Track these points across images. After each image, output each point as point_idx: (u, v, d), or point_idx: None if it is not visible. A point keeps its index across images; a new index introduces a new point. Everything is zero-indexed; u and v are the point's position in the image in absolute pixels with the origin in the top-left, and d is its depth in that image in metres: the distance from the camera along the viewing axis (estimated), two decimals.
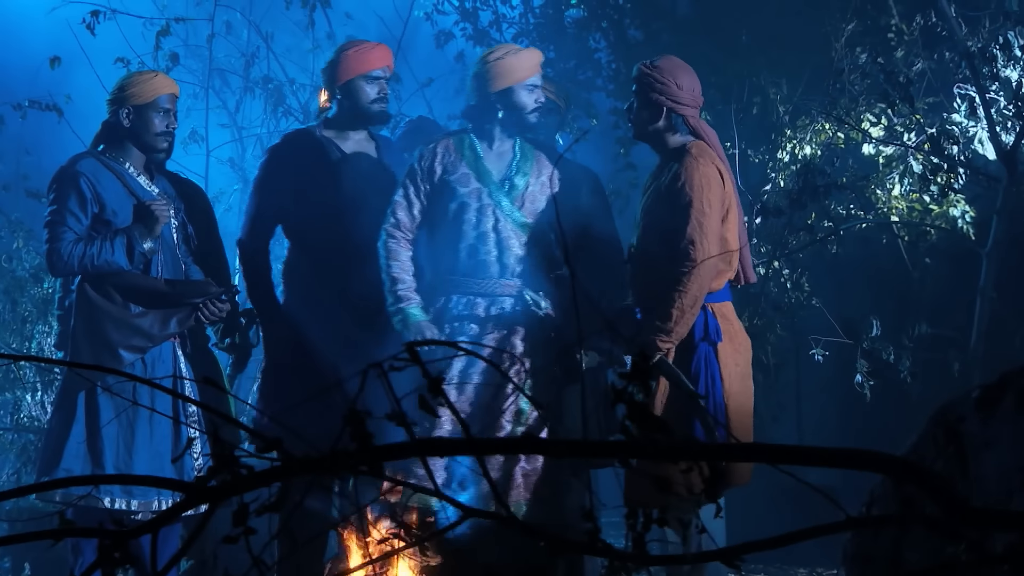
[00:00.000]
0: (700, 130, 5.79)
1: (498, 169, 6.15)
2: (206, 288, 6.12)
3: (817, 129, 8.61)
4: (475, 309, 6.03)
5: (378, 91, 6.37)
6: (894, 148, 8.38)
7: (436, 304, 6.06)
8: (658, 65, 5.79)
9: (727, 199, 5.67)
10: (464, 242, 6.06)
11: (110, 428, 5.88)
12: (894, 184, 8.36)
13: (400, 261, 6.05)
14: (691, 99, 5.79)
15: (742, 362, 5.70)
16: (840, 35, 8.27)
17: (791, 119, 8.65)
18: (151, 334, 6.02)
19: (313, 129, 6.50)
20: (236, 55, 10.06)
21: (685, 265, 5.48)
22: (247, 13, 9.95)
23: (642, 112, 5.81)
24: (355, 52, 6.36)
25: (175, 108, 6.28)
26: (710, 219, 5.55)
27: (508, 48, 6.22)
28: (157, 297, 6.05)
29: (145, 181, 6.25)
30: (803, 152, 8.57)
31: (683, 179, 5.58)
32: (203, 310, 6.10)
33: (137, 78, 6.25)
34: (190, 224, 6.37)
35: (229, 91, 10.17)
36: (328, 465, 2.70)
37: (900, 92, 7.84)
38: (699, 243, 5.51)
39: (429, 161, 6.11)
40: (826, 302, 8.54)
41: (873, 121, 8.41)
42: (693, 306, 5.52)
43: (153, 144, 6.21)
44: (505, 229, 6.07)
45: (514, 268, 6.06)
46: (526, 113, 6.12)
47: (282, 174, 6.38)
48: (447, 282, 6.07)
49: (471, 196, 6.09)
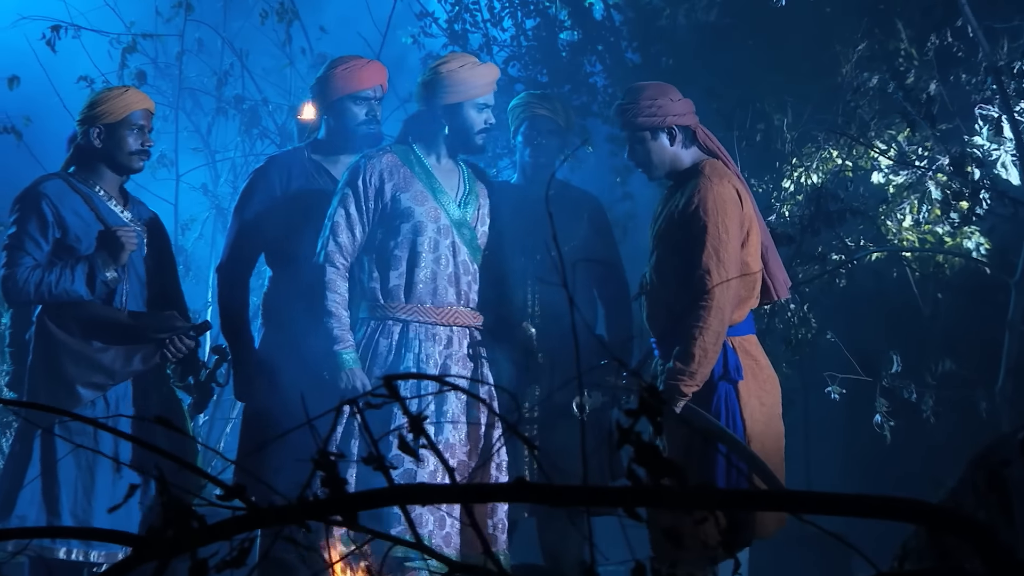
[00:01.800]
0: (709, 138, 5.63)
1: (451, 187, 5.94)
2: (172, 322, 5.92)
3: (824, 157, 8.42)
4: (436, 340, 5.79)
5: (367, 112, 6.17)
6: (905, 176, 8.20)
7: (390, 336, 5.78)
8: (639, 92, 5.61)
9: (746, 221, 5.47)
10: (420, 266, 5.79)
11: (68, 473, 5.68)
12: (905, 214, 8.20)
13: (338, 293, 5.75)
14: (686, 107, 5.63)
15: (769, 401, 5.50)
16: (850, 56, 8.09)
17: (796, 146, 8.48)
18: (112, 370, 5.82)
19: (300, 151, 6.31)
20: (208, 74, 9.89)
21: (703, 298, 5.29)
22: (220, 29, 9.79)
23: (645, 146, 5.61)
24: (343, 70, 6.16)
25: (150, 124, 6.10)
26: (727, 245, 5.35)
27: (463, 59, 5.98)
28: (119, 331, 5.84)
29: (117, 206, 6.05)
30: (810, 181, 8.38)
31: (696, 202, 5.40)
32: (169, 347, 5.90)
33: (107, 94, 6.05)
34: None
35: (201, 112, 9.98)
36: (296, 515, 2.55)
37: (920, 110, 7.64)
38: (715, 272, 5.30)
39: (375, 177, 5.83)
40: (836, 338, 8.31)
41: (883, 148, 8.24)
42: (716, 342, 5.31)
43: (127, 164, 6.02)
44: (461, 252, 5.86)
45: (469, 296, 5.85)
46: (473, 134, 5.88)
47: (266, 198, 6.18)
48: (400, 310, 5.80)
49: (428, 215, 5.84)
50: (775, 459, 5.45)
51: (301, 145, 6.37)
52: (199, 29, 9.82)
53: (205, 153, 10.06)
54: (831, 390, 7.71)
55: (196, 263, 9.87)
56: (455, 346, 5.78)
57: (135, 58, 9.43)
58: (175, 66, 9.84)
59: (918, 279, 8.43)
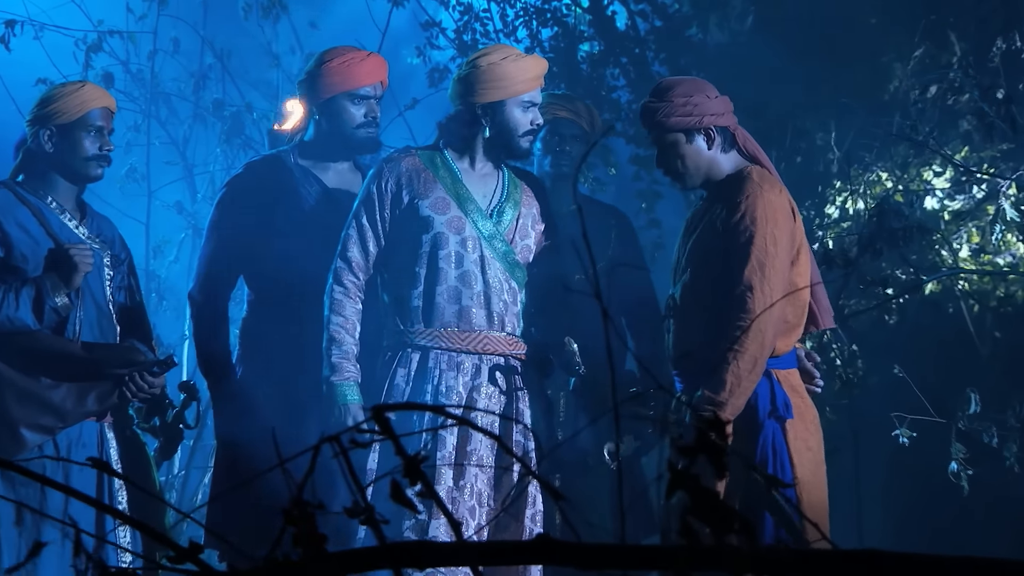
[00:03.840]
0: (750, 144, 5.34)
1: (482, 194, 5.61)
2: (132, 356, 5.49)
3: (872, 180, 8.27)
4: (461, 370, 5.49)
5: (366, 113, 5.86)
6: (963, 201, 8.08)
7: (408, 364, 5.49)
8: (669, 89, 5.31)
9: (797, 236, 5.19)
10: (442, 284, 5.49)
11: (10, 530, 5.30)
12: (962, 243, 8.09)
13: (344, 316, 5.48)
14: (724, 105, 5.30)
15: (815, 445, 5.21)
16: (903, 67, 7.95)
17: (841, 169, 8.32)
18: (63, 411, 5.39)
19: (285, 156, 5.98)
20: (185, 77, 9.70)
21: (741, 318, 5.00)
22: (199, 28, 9.59)
23: (678, 150, 5.29)
24: (340, 64, 5.84)
25: (110, 126, 5.67)
26: (775, 260, 5.06)
27: (506, 51, 5.64)
28: (71, 365, 5.42)
29: (71, 220, 5.62)
30: (855, 207, 8.24)
31: (743, 210, 5.11)
32: (129, 384, 5.48)
33: (61, 90, 5.62)
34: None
35: (176, 120, 9.75)
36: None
37: (999, 110, 7.36)
38: (759, 289, 5.01)
39: (392, 182, 5.56)
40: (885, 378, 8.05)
41: (938, 171, 8.15)
42: (752, 371, 5.00)
43: (83, 171, 5.58)
44: (493, 268, 5.52)
45: (503, 319, 5.53)
46: (517, 136, 5.55)
47: (246, 211, 5.88)
48: (420, 335, 5.51)
49: (450, 226, 5.52)
50: (820, 512, 5.23)
51: (286, 148, 6.06)
52: (175, 27, 9.60)
53: (181, 166, 9.84)
54: (899, 433, 7.40)
55: (171, 291, 9.64)
56: (483, 377, 5.50)
57: (101, 59, 9.25)
58: (147, 68, 9.62)
59: (975, 315, 8.29)
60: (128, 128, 9.54)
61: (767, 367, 5.09)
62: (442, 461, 5.27)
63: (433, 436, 5.26)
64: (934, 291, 8.23)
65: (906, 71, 8.01)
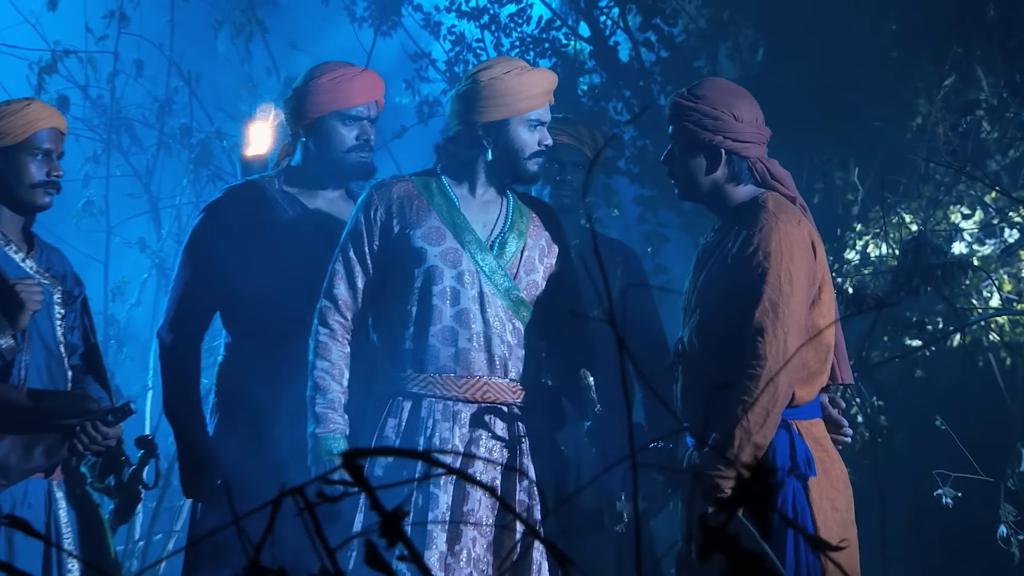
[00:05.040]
0: (772, 175, 5.09)
1: (482, 223, 5.37)
2: (84, 404, 5.28)
3: (896, 222, 8.10)
4: (458, 420, 5.25)
5: (358, 135, 5.64)
6: (994, 246, 7.97)
7: (398, 414, 5.26)
8: (703, 93, 5.05)
9: (818, 273, 4.92)
10: (436, 324, 5.24)
11: None
12: (992, 291, 7.96)
13: (330, 361, 5.27)
14: (756, 134, 5.04)
15: (842, 504, 4.96)
16: (933, 96, 7.91)
17: (862, 210, 8.29)
18: (6, 467, 5.19)
19: (269, 182, 5.79)
20: (149, 103, 9.57)
21: (752, 365, 4.76)
22: (166, 49, 9.46)
23: (689, 161, 5.06)
24: (330, 80, 5.63)
25: (60, 148, 5.48)
26: (791, 300, 4.82)
27: (510, 64, 5.37)
28: (16, 415, 5.22)
29: (17, 253, 5.43)
30: (879, 251, 8.14)
31: (756, 243, 4.86)
32: (80, 435, 5.26)
33: (4, 109, 5.44)
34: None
35: (139, 149, 9.62)
36: None
37: None
38: (772, 332, 4.78)
39: (382, 211, 5.33)
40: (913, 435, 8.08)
41: (967, 213, 8.04)
42: (763, 424, 4.76)
43: (30, 199, 5.40)
44: (494, 306, 5.27)
45: (506, 363, 5.28)
46: (523, 158, 5.30)
47: (224, 240, 5.67)
48: (412, 382, 5.27)
49: (445, 259, 5.26)
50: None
51: (271, 174, 5.87)
52: (139, 48, 9.49)
53: (144, 200, 9.70)
54: (942, 493, 7.23)
55: (132, 338, 9.51)
56: (483, 429, 5.26)
57: (56, 81, 9.14)
58: (108, 92, 9.51)
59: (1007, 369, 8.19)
60: (87, 159, 9.48)
61: (786, 418, 4.87)
62: (435, 523, 5.06)
63: (424, 494, 5.07)
64: (962, 342, 8.06)
65: (931, 106, 7.99)
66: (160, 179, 9.74)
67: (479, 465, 5.16)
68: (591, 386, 5.33)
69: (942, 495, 7.15)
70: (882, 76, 8.33)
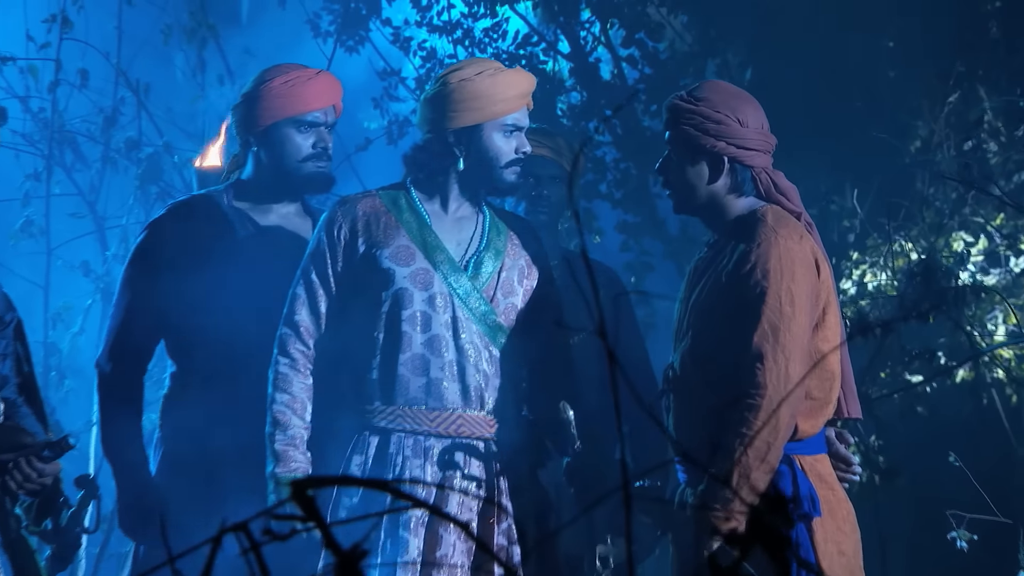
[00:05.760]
0: (777, 187, 4.92)
1: (456, 242, 5.18)
2: (17, 438, 5.09)
3: (895, 250, 8.08)
4: (429, 457, 5.06)
5: (315, 143, 5.48)
6: (999, 275, 8.03)
7: (364, 450, 5.08)
8: (704, 95, 4.86)
9: (823, 294, 4.75)
10: (406, 352, 5.06)
11: None
12: (998, 323, 8.04)
13: (290, 394, 5.08)
14: (761, 141, 4.86)
15: (849, 549, 4.83)
16: (940, 108, 7.86)
17: (859, 238, 8.27)
18: None
19: (218, 197, 5.61)
20: (94, 115, 9.36)
21: (750, 394, 4.59)
22: (113, 57, 9.25)
23: (688, 169, 4.88)
24: (283, 83, 5.47)
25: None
26: (792, 323, 4.66)
27: (483, 65, 5.17)
28: None
29: None
30: (877, 281, 8.20)
31: (754, 260, 4.69)
32: (13, 473, 5.05)
33: None
34: None
35: (83, 166, 9.42)
36: None
37: None
38: (771, 359, 4.61)
39: (346, 229, 5.16)
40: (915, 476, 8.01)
41: (970, 240, 8.07)
42: (764, 460, 4.61)
43: None
44: (469, 332, 5.08)
45: (482, 394, 5.08)
46: (499, 167, 5.11)
47: (169, 262, 5.49)
48: (380, 415, 5.08)
49: (415, 280, 5.08)
50: None
51: (219, 188, 5.67)
52: (84, 57, 9.27)
53: (88, 220, 9.53)
54: (956, 536, 7.09)
55: (75, 368, 9.33)
56: (457, 466, 5.08)
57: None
58: (49, 103, 9.32)
59: (1011, 407, 8.21)
60: (27, 176, 9.35)
61: (788, 453, 4.70)
62: (405, 569, 4.87)
63: (392, 537, 4.89)
64: (966, 378, 8.12)
65: (935, 124, 8.01)
66: (106, 197, 9.58)
67: (453, 505, 4.98)
68: (571, 420, 5.16)
69: (956, 538, 7.11)
70: (878, 95, 8.33)
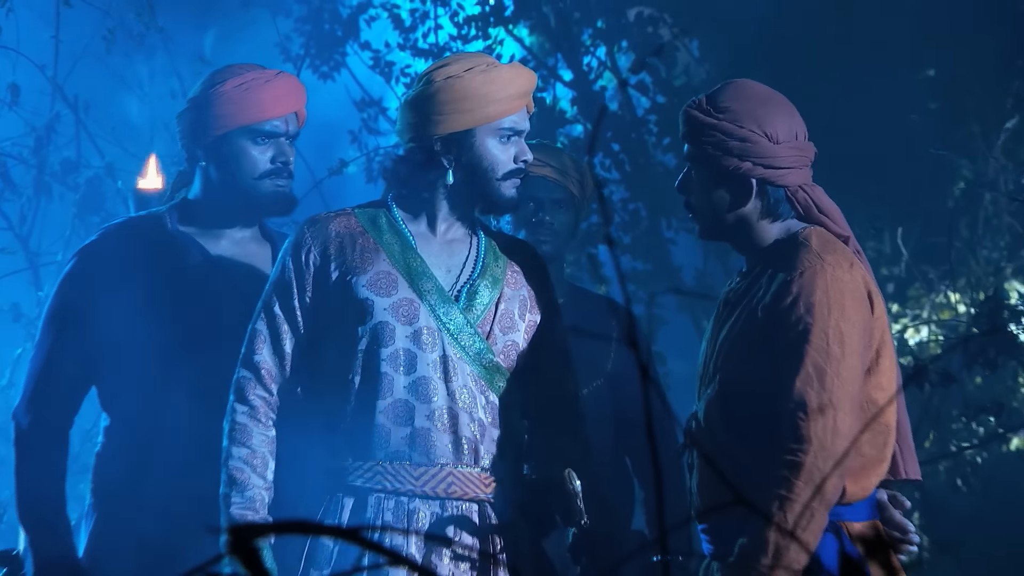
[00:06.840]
0: (819, 207, 4.51)
1: (446, 268, 4.75)
2: None
3: (939, 302, 7.99)
4: (414, 521, 4.62)
5: (274, 156, 5.08)
6: None
7: (337, 514, 4.63)
8: (725, 104, 4.45)
9: (876, 332, 4.36)
10: (386, 397, 4.60)
11: None
12: None
13: (249, 448, 4.68)
14: (796, 156, 4.43)
15: None
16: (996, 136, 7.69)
17: (898, 288, 8.17)
18: None
19: (160, 219, 5.22)
20: (26, 136, 8.99)
21: (792, 450, 4.24)
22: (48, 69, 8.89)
23: (711, 192, 4.50)
24: (236, 87, 5.09)
25: None
26: (842, 366, 4.27)
27: (474, 60, 4.70)
28: None
29: None
30: (918, 338, 8.09)
31: (796, 292, 4.32)
32: None
33: None
34: None
35: (13, 193, 9.08)
36: None
37: None
38: (818, 407, 4.26)
39: (316, 253, 4.73)
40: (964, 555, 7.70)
41: None
42: (809, 525, 4.26)
43: None
44: (461, 373, 4.63)
45: (477, 447, 4.64)
46: (494, 179, 4.64)
47: (101, 295, 5.09)
48: (355, 473, 4.64)
49: (397, 313, 4.63)
50: None
51: (160, 210, 5.29)
52: (15, 70, 8.90)
53: (19, 255, 9.19)
54: None
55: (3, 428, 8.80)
56: (447, 532, 4.67)
57: None
58: None
59: None
60: None
61: (834, 519, 4.34)
62: None
63: None
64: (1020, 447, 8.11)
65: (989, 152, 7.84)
66: (40, 229, 9.27)
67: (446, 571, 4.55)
68: (578, 492, 4.69)
69: None
70: (920, 130, 8.18)
